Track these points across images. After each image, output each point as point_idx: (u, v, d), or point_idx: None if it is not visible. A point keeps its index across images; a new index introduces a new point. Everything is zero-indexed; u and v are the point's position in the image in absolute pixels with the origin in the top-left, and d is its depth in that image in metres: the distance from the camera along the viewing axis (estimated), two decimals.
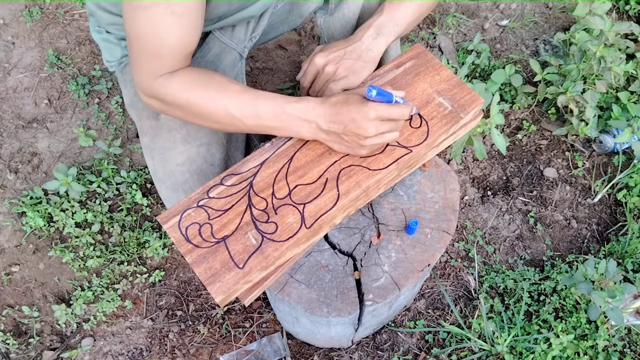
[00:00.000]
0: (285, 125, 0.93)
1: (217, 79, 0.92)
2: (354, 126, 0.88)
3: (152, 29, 0.84)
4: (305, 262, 1.06)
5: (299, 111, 0.91)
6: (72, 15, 2.03)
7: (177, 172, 1.15)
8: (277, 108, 0.91)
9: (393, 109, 0.89)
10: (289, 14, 1.25)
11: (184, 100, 0.91)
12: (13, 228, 1.66)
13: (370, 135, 0.89)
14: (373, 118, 0.87)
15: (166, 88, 0.90)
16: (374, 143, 0.91)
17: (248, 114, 0.91)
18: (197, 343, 1.55)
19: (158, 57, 0.88)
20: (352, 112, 0.88)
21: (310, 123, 0.92)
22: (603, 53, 1.59)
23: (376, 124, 0.88)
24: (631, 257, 1.57)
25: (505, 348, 1.38)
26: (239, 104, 0.90)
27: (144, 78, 0.91)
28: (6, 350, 1.52)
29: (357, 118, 0.87)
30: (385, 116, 0.88)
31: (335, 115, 0.90)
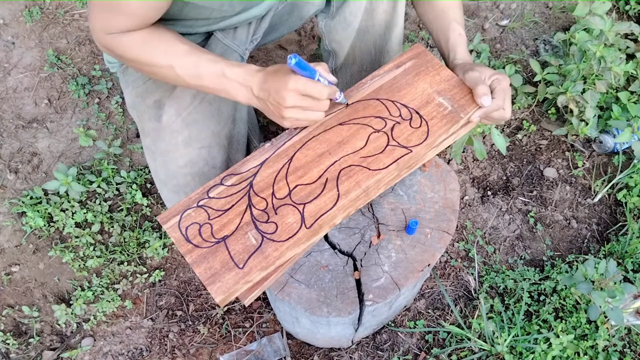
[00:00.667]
0: (224, 88, 0.96)
1: (166, 38, 0.95)
2: (275, 95, 0.90)
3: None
4: (305, 262, 1.06)
5: (237, 76, 0.94)
6: (72, 15, 2.03)
7: (179, 174, 1.16)
8: (218, 70, 0.94)
9: (311, 85, 0.89)
10: (289, 16, 1.25)
11: (133, 57, 0.96)
12: (13, 228, 1.66)
13: (288, 105, 0.89)
14: (291, 89, 0.88)
15: (116, 44, 0.94)
16: (295, 117, 0.92)
17: (191, 74, 0.95)
18: (197, 343, 1.55)
19: (113, 20, 0.91)
20: (276, 81, 0.90)
21: (247, 88, 0.94)
22: (603, 53, 1.59)
23: (294, 96, 0.89)
24: (631, 257, 1.57)
25: (505, 348, 1.38)
26: (184, 65, 0.95)
27: (96, 31, 0.95)
28: (6, 350, 1.52)
29: (278, 87, 0.89)
30: (302, 90, 0.89)
31: (264, 83, 0.92)
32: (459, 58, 1.07)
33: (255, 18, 1.11)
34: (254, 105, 0.97)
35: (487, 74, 1.00)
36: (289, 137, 1.00)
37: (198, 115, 1.14)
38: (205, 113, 1.15)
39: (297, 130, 1.00)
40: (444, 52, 1.11)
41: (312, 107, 0.92)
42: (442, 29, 1.10)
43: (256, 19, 1.15)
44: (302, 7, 1.23)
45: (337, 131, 0.99)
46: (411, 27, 2.07)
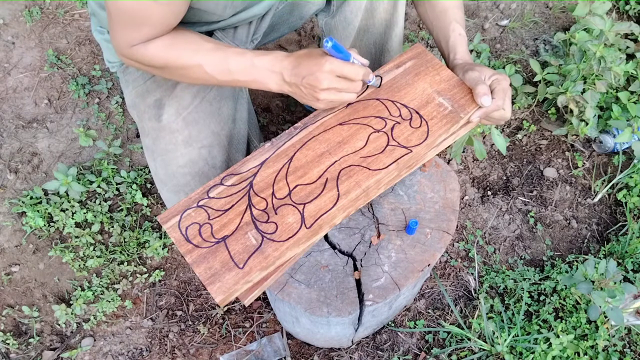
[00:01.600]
0: (254, 78, 0.96)
1: (191, 39, 0.96)
2: (310, 77, 0.90)
3: (132, 11, 0.87)
4: (305, 262, 1.06)
5: (266, 63, 0.95)
6: (72, 15, 2.03)
7: (179, 174, 1.16)
8: (247, 62, 0.95)
9: (347, 66, 0.91)
10: (289, 15, 1.25)
11: (161, 63, 0.96)
12: (13, 228, 1.66)
13: (323, 87, 0.90)
14: (327, 70, 0.89)
15: (142, 55, 0.95)
16: (329, 98, 0.93)
17: (220, 70, 0.96)
18: (197, 343, 1.55)
19: (134, 32, 0.91)
20: (310, 63, 0.91)
21: (277, 74, 0.95)
22: (603, 53, 1.59)
23: (329, 78, 0.90)
24: (631, 257, 1.57)
25: (505, 348, 1.38)
26: (212, 62, 0.95)
27: (120, 45, 0.95)
28: (6, 350, 1.52)
29: (314, 69, 0.90)
30: (339, 71, 0.90)
31: (296, 67, 0.92)
32: (459, 58, 1.07)
33: (256, 17, 1.11)
34: (285, 92, 0.98)
35: (487, 74, 1.00)
36: (289, 137, 1.00)
37: (198, 115, 1.14)
38: (206, 113, 1.15)
39: (297, 130, 1.00)
40: (444, 52, 1.11)
41: (347, 89, 0.93)
42: (443, 29, 1.10)
43: (256, 18, 1.15)
44: (302, 6, 1.23)
45: (337, 131, 0.99)
46: (411, 27, 2.07)
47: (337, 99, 0.94)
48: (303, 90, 0.93)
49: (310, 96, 0.94)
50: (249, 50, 0.96)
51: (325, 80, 0.90)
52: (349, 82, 0.93)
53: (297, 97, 0.97)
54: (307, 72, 0.91)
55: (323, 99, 0.93)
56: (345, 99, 0.95)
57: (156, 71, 1.00)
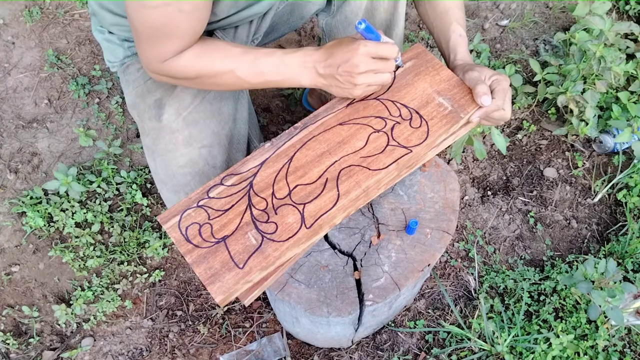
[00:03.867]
0: (286, 77, 0.96)
1: (219, 46, 0.96)
2: (346, 64, 0.90)
3: (160, 24, 0.87)
4: (305, 262, 1.06)
5: (297, 59, 0.95)
6: (72, 15, 2.03)
7: (179, 174, 1.16)
8: (277, 61, 0.95)
9: (381, 46, 0.91)
10: (290, 15, 1.25)
11: (193, 74, 0.96)
12: (13, 228, 1.66)
13: (361, 71, 0.90)
14: (362, 53, 0.89)
15: (174, 68, 0.95)
16: (366, 82, 0.93)
17: (252, 73, 0.96)
18: (197, 343, 1.55)
19: (164, 46, 0.91)
20: (343, 50, 0.91)
21: (309, 69, 0.95)
22: (603, 53, 1.59)
23: (366, 60, 0.90)
24: (631, 257, 1.57)
25: (505, 348, 1.38)
26: (243, 66, 0.95)
27: (151, 62, 0.95)
28: (6, 350, 1.52)
29: (348, 55, 0.90)
30: (374, 52, 0.90)
31: (329, 58, 0.92)
32: (459, 58, 1.07)
33: (257, 15, 1.11)
34: (319, 86, 0.97)
35: (487, 74, 1.00)
36: (289, 137, 1.00)
37: (198, 115, 1.14)
38: (206, 112, 1.15)
39: (297, 130, 1.00)
40: (444, 53, 1.11)
41: (383, 69, 0.93)
42: (443, 30, 1.10)
43: (257, 18, 1.15)
44: (303, 6, 1.23)
45: (337, 131, 0.99)
46: (411, 27, 2.07)
47: (375, 81, 0.94)
48: (339, 79, 0.93)
49: (348, 83, 0.93)
50: (278, 49, 0.96)
51: (362, 64, 0.90)
52: (384, 61, 0.93)
53: (333, 88, 0.97)
54: (342, 60, 0.91)
55: (361, 82, 0.93)
56: (382, 80, 0.95)
57: (188, 83, 1.00)
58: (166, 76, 0.98)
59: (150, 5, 0.84)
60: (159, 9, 0.84)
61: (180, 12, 0.85)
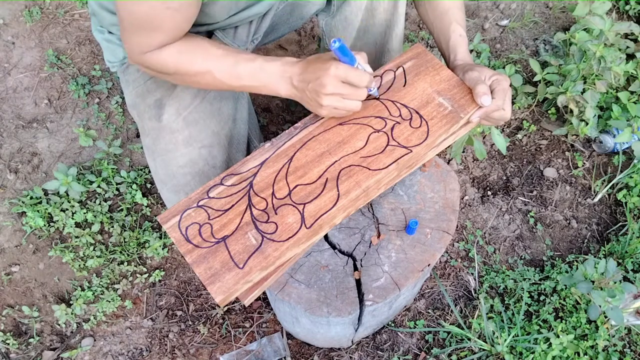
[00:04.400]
0: (263, 84, 0.96)
1: (202, 45, 0.96)
2: (315, 82, 0.90)
3: (146, 18, 0.87)
4: (305, 262, 1.06)
5: (276, 68, 0.95)
6: (72, 15, 2.03)
7: (179, 174, 1.16)
8: (256, 67, 0.95)
9: (352, 72, 0.89)
10: (290, 15, 1.25)
11: (172, 70, 0.96)
12: (13, 228, 1.66)
13: (327, 92, 0.89)
14: (332, 75, 0.88)
15: (155, 61, 0.95)
16: (333, 105, 0.92)
17: (230, 76, 0.96)
18: (197, 343, 1.55)
19: (147, 39, 0.92)
20: (317, 68, 0.90)
21: (286, 80, 0.95)
22: (603, 53, 1.59)
23: (334, 82, 0.89)
24: (631, 257, 1.57)
25: (505, 348, 1.38)
26: (222, 68, 0.95)
27: (133, 52, 0.96)
28: (6, 350, 1.52)
29: (319, 73, 0.89)
30: (343, 76, 0.89)
31: (303, 72, 0.92)
32: (459, 59, 1.07)
33: (257, 16, 1.11)
34: (294, 97, 0.97)
35: (487, 74, 1.00)
36: (289, 137, 1.00)
37: (198, 115, 1.14)
38: (206, 113, 1.15)
39: (297, 130, 1.00)
40: (444, 53, 1.11)
41: (351, 96, 0.92)
42: (443, 30, 1.10)
43: (257, 18, 1.15)
44: (303, 6, 1.23)
45: (337, 131, 0.99)
46: (411, 27, 2.07)
47: (341, 106, 0.92)
48: (308, 95, 0.93)
49: (314, 102, 0.93)
50: (259, 56, 0.96)
51: (329, 85, 0.89)
52: (353, 88, 0.91)
53: (304, 103, 0.96)
54: (313, 77, 0.90)
55: (327, 105, 0.92)
56: (350, 107, 0.94)
57: (167, 77, 1.01)
58: (146, 67, 0.98)
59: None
60: (146, 2, 0.84)
61: (167, 9, 0.86)
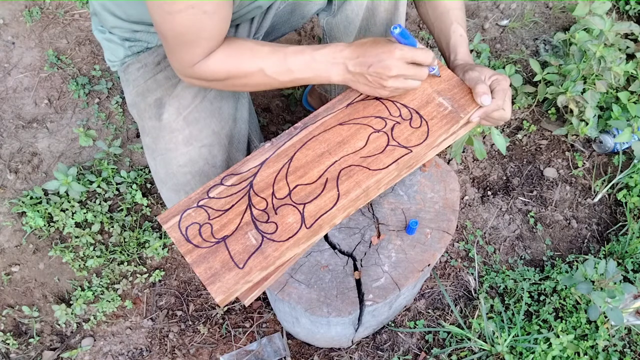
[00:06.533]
0: (315, 74, 0.96)
1: (247, 45, 0.97)
2: (378, 65, 0.90)
3: (186, 28, 0.87)
4: (305, 262, 1.06)
5: (327, 56, 0.95)
6: (72, 15, 2.03)
7: (179, 173, 1.16)
8: (306, 57, 0.95)
9: (418, 52, 0.91)
10: (291, 15, 1.25)
11: (224, 75, 0.96)
12: (13, 228, 1.66)
13: (393, 74, 0.90)
14: (398, 57, 0.89)
15: (205, 71, 0.95)
16: (396, 86, 0.93)
17: (281, 71, 0.96)
18: (197, 343, 1.55)
19: (194, 49, 0.92)
20: (378, 51, 0.90)
21: (339, 65, 0.95)
22: (603, 53, 1.59)
23: (399, 64, 0.90)
24: (631, 257, 1.57)
25: (505, 348, 1.38)
26: (272, 65, 0.95)
27: (182, 67, 0.96)
28: (6, 350, 1.52)
29: (383, 56, 0.90)
30: (410, 57, 0.90)
31: (362, 56, 0.92)
32: (459, 59, 1.07)
33: (259, 11, 1.11)
34: (347, 82, 0.97)
35: (487, 74, 1.00)
36: (289, 137, 1.00)
37: (199, 114, 1.14)
38: (206, 112, 1.15)
39: (297, 130, 1.00)
40: (444, 53, 1.12)
41: (415, 75, 0.93)
42: (444, 30, 1.10)
43: (258, 16, 1.15)
44: (304, 5, 1.23)
45: (337, 131, 0.99)
46: (411, 27, 2.07)
47: (404, 86, 0.94)
48: (369, 78, 0.93)
49: (376, 84, 0.94)
50: (306, 46, 0.97)
51: (395, 68, 0.90)
52: (417, 68, 0.93)
53: (360, 86, 0.97)
54: (375, 60, 0.90)
55: (390, 86, 0.93)
56: (412, 86, 0.95)
57: (219, 85, 1.00)
58: (198, 79, 0.98)
59: (174, 10, 0.84)
60: (183, 12, 0.84)
61: (204, 14, 0.85)
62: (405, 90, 0.98)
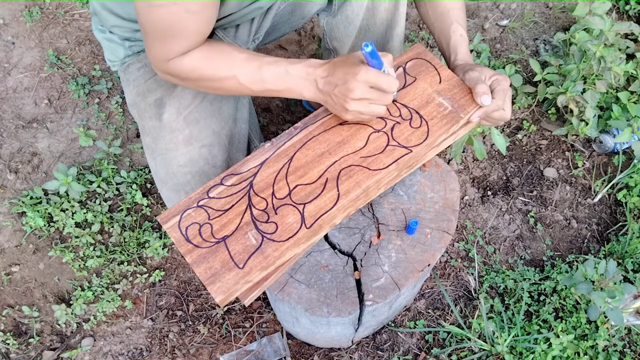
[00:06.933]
0: (287, 87, 0.95)
1: (225, 50, 0.96)
2: (342, 86, 0.89)
3: (167, 23, 0.87)
4: (305, 262, 1.06)
5: (301, 71, 0.94)
6: (72, 15, 2.03)
7: (179, 173, 1.16)
8: (280, 70, 0.94)
9: (382, 77, 0.88)
10: (291, 15, 1.25)
11: (196, 76, 0.96)
12: (13, 228, 1.66)
13: (355, 97, 0.88)
14: (361, 80, 0.87)
15: (179, 68, 0.95)
16: (358, 109, 0.91)
17: (254, 80, 0.95)
18: (197, 343, 1.55)
19: (170, 45, 0.91)
20: (345, 72, 0.89)
21: (311, 82, 0.94)
22: (603, 53, 1.59)
23: (363, 87, 0.88)
24: (631, 257, 1.57)
25: (505, 348, 1.38)
26: (246, 73, 0.94)
27: (157, 60, 0.95)
28: (6, 350, 1.52)
29: (346, 78, 0.88)
30: (373, 81, 0.88)
31: (330, 75, 0.91)
32: (460, 59, 1.07)
33: (259, 12, 1.11)
34: (319, 100, 0.96)
35: (487, 74, 1.00)
36: (289, 137, 1.00)
37: (199, 114, 1.14)
38: (207, 112, 1.15)
39: (297, 130, 1.00)
40: (445, 53, 1.12)
41: (378, 101, 0.91)
42: (444, 30, 1.10)
43: (258, 17, 1.15)
44: (304, 6, 1.23)
45: (337, 131, 0.99)
46: (411, 27, 2.07)
47: (367, 111, 0.91)
48: (333, 99, 0.92)
49: (339, 106, 0.92)
50: (283, 59, 0.95)
51: (357, 90, 0.88)
52: (381, 93, 0.90)
53: (328, 106, 0.96)
54: (340, 81, 0.89)
55: (353, 109, 0.91)
56: (375, 112, 0.92)
57: (190, 84, 1.00)
58: (171, 75, 0.98)
59: (156, 4, 0.84)
60: (166, 8, 0.84)
61: (187, 12, 0.85)
62: (369, 116, 0.94)
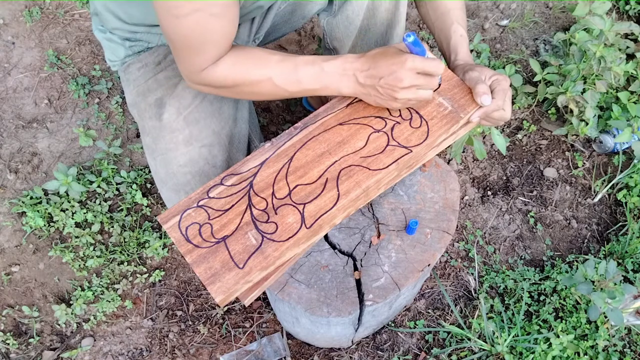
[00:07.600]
0: (324, 85, 0.95)
1: (256, 54, 0.95)
2: (390, 77, 0.89)
3: (194, 32, 0.86)
4: (305, 262, 1.06)
5: (337, 67, 0.93)
6: (72, 15, 2.03)
7: (179, 173, 1.16)
8: (316, 68, 0.94)
9: (428, 62, 0.89)
10: (291, 15, 1.25)
11: (231, 83, 0.95)
12: (13, 228, 1.66)
13: (405, 85, 0.89)
14: (409, 68, 0.88)
15: (213, 77, 0.94)
16: (407, 97, 0.92)
17: (290, 81, 0.95)
18: (197, 343, 1.55)
19: (202, 53, 0.91)
20: (389, 61, 0.89)
21: (349, 77, 0.94)
22: (603, 53, 1.59)
23: (411, 75, 0.89)
24: (631, 257, 1.57)
25: (505, 348, 1.38)
26: (281, 74, 0.94)
27: (191, 72, 0.95)
28: (6, 350, 1.52)
29: (394, 68, 0.88)
30: (421, 68, 0.89)
31: (373, 67, 0.91)
32: (460, 59, 1.07)
33: (260, 10, 1.11)
34: (357, 95, 0.96)
35: (488, 74, 1.00)
36: (289, 137, 1.00)
37: (199, 114, 1.14)
38: (207, 112, 1.15)
39: (297, 130, 1.00)
40: (445, 53, 1.12)
41: (426, 85, 0.92)
42: (444, 30, 1.10)
43: (259, 16, 1.15)
44: (304, 6, 1.23)
45: (337, 131, 0.99)
46: (411, 27, 2.07)
47: (416, 97, 0.92)
48: (380, 90, 0.92)
49: (388, 96, 0.92)
50: (317, 57, 0.95)
51: (406, 78, 0.88)
52: (428, 78, 0.91)
53: (371, 98, 0.96)
54: (387, 72, 0.89)
55: (402, 97, 0.91)
56: (423, 97, 0.94)
57: (227, 92, 0.99)
58: (206, 85, 0.97)
59: (181, 14, 0.83)
60: (190, 16, 0.83)
61: (211, 16, 0.85)
62: (417, 101, 0.95)
